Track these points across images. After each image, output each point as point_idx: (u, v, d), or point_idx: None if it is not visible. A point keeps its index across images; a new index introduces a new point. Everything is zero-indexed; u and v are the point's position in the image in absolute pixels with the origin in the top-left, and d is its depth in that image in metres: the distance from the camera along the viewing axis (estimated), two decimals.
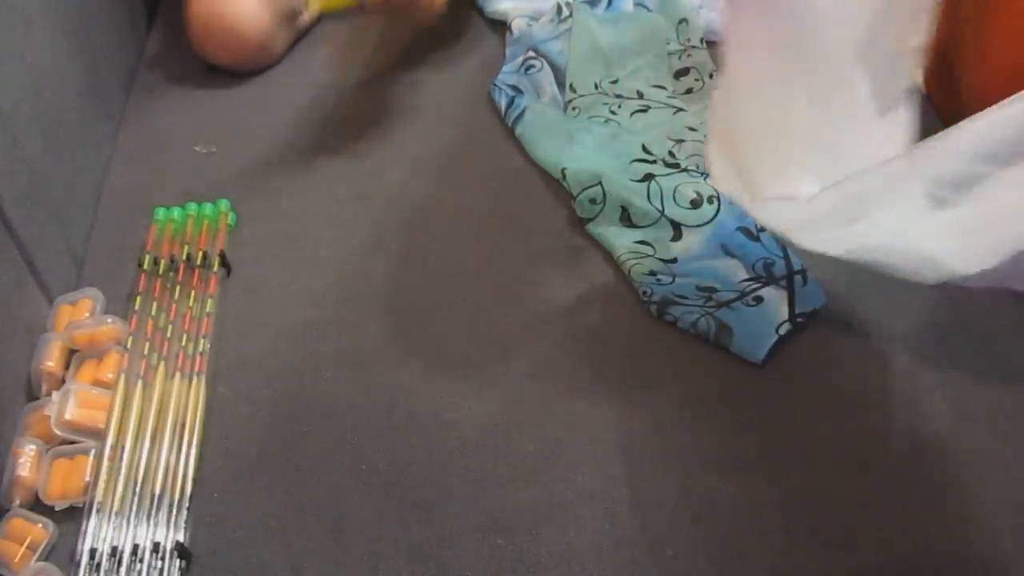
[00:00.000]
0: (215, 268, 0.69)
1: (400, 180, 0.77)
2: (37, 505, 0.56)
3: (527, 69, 0.85)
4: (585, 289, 0.68)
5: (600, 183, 0.71)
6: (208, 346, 0.64)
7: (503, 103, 0.82)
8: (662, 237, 0.69)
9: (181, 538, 0.54)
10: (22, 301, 0.63)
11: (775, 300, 0.64)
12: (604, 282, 0.68)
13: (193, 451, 0.58)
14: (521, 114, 0.81)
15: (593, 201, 0.71)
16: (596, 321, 0.65)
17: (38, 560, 0.54)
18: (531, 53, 0.86)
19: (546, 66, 0.85)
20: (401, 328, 0.66)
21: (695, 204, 0.70)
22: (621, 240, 0.69)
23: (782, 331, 0.62)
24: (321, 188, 0.77)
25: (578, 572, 0.53)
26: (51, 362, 0.62)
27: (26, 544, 0.54)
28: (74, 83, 0.76)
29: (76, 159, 0.75)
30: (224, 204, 0.74)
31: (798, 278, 0.65)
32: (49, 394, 0.61)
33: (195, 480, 0.57)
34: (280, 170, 0.79)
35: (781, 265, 0.67)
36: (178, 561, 0.53)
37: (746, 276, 0.67)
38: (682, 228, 0.70)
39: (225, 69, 0.90)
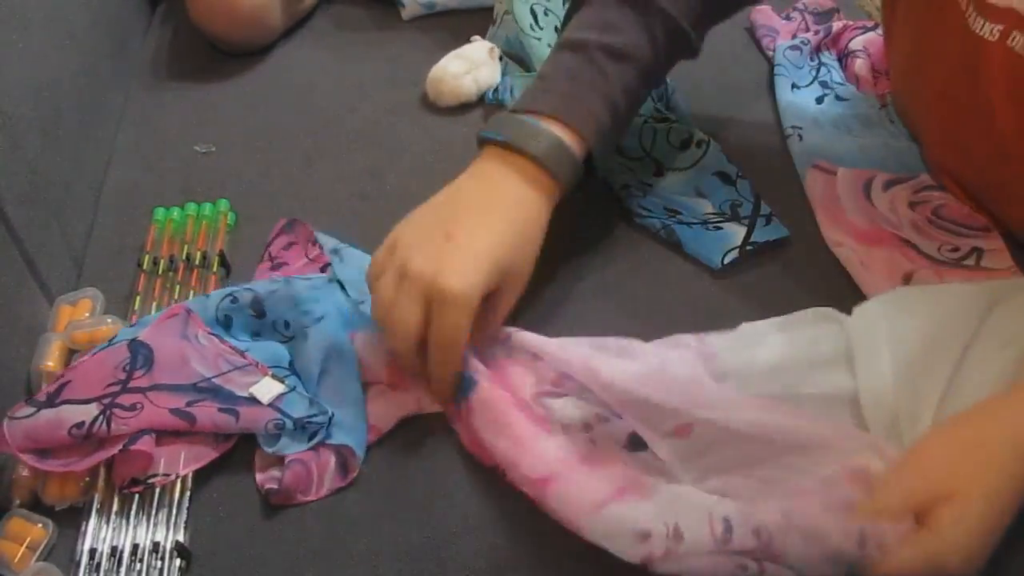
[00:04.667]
0: (215, 268, 0.69)
1: (400, 180, 0.77)
2: (37, 505, 0.56)
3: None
4: (585, 290, 0.68)
5: None
6: None
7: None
8: (646, 170, 0.74)
9: (181, 538, 0.54)
10: (22, 301, 0.63)
11: (733, 231, 0.69)
12: (604, 283, 0.68)
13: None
14: (511, 91, 0.83)
15: None
16: (597, 322, 0.65)
17: (38, 560, 0.54)
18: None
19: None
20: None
21: (684, 145, 0.74)
22: (609, 163, 0.73)
23: (728, 259, 0.67)
24: (321, 188, 0.77)
25: (579, 573, 0.53)
26: (51, 362, 0.62)
27: (26, 544, 0.54)
28: (74, 83, 0.76)
29: (76, 159, 0.75)
30: (224, 204, 0.74)
31: (762, 219, 0.69)
32: None
33: (195, 480, 0.57)
34: (280, 170, 0.79)
35: (748, 207, 0.70)
36: (178, 561, 0.53)
37: (711, 211, 0.70)
38: (664, 169, 0.73)
39: (222, 43, 0.90)
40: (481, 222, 0.56)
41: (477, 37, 0.88)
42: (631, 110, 0.64)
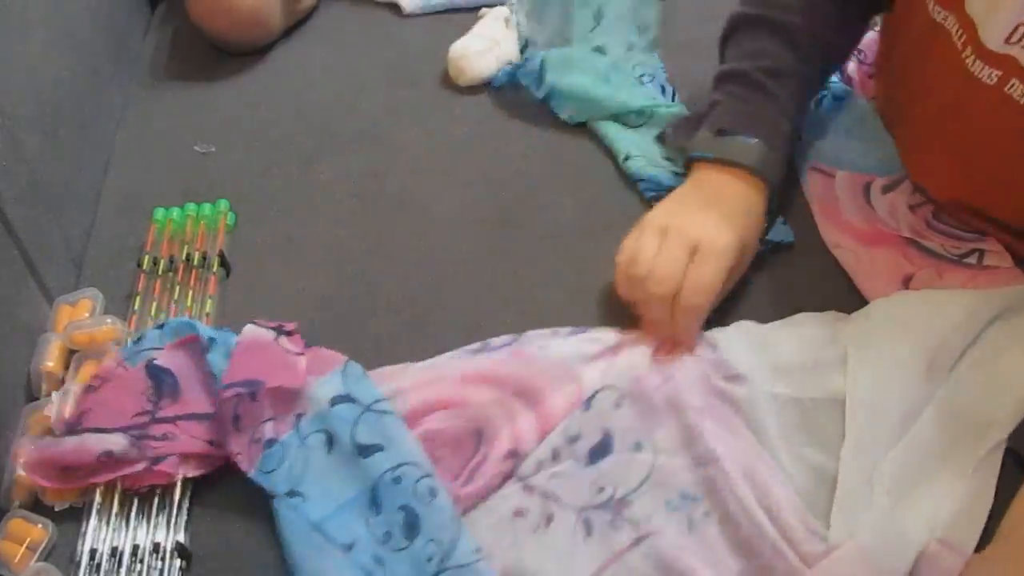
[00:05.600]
0: (214, 268, 0.69)
1: (400, 180, 0.77)
2: (37, 505, 0.56)
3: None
4: (585, 290, 0.68)
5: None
6: None
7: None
8: (645, 137, 0.77)
9: (181, 538, 0.54)
10: (22, 301, 0.63)
11: None
12: (605, 283, 0.68)
13: None
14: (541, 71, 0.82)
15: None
16: (596, 322, 0.65)
17: (38, 560, 0.54)
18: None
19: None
20: (400, 328, 0.66)
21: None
22: (622, 138, 0.77)
23: None
24: (321, 188, 0.77)
25: None
26: (51, 362, 0.62)
27: (26, 544, 0.54)
28: (74, 83, 0.76)
29: (76, 159, 0.75)
30: (223, 204, 0.74)
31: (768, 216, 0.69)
32: (49, 394, 0.60)
33: (195, 481, 0.57)
34: (280, 170, 0.79)
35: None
36: (178, 561, 0.53)
37: None
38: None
39: (222, 43, 0.90)
40: (719, 209, 0.62)
41: (486, 10, 0.89)
42: (799, 115, 0.71)
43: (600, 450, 0.56)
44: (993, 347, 0.58)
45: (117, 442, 0.55)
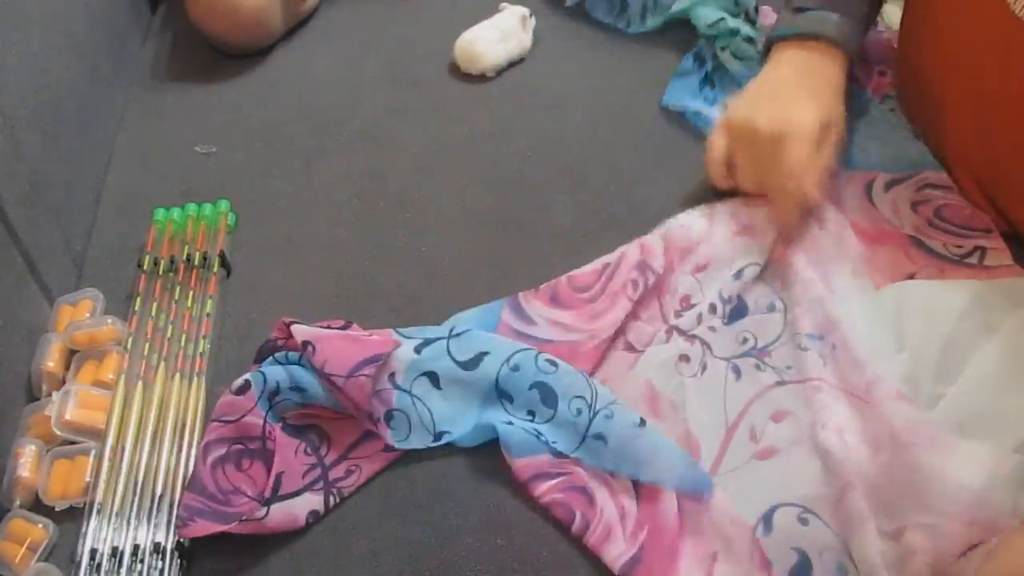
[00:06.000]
0: (215, 269, 0.69)
1: (400, 180, 0.77)
2: (37, 505, 0.57)
3: None
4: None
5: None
6: (208, 347, 0.64)
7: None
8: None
9: (181, 538, 0.54)
10: (23, 301, 0.63)
11: None
12: None
13: (193, 451, 0.58)
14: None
15: None
16: None
17: (38, 561, 0.54)
18: None
19: None
20: (400, 328, 0.66)
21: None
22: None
23: None
24: (321, 188, 0.77)
25: (580, 573, 0.53)
26: (51, 362, 0.62)
27: (26, 545, 0.54)
28: (74, 83, 0.76)
29: (76, 159, 0.75)
30: (224, 204, 0.74)
31: None
32: (49, 394, 0.61)
33: None
34: (280, 170, 0.79)
35: None
36: (178, 561, 0.53)
37: None
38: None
39: (222, 45, 0.90)
40: (800, 90, 0.67)
41: (506, 5, 0.90)
42: None
43: (737, 312, 0.64)
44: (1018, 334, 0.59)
45: (315, 500, 0.56)
